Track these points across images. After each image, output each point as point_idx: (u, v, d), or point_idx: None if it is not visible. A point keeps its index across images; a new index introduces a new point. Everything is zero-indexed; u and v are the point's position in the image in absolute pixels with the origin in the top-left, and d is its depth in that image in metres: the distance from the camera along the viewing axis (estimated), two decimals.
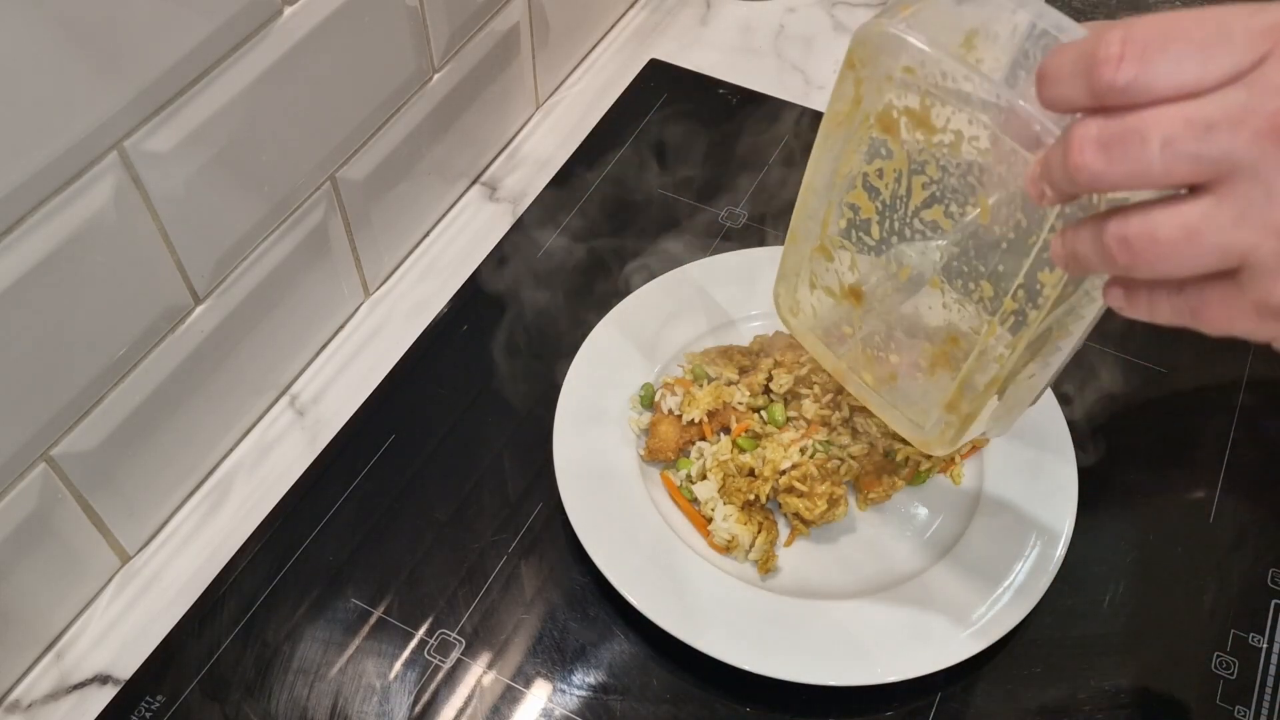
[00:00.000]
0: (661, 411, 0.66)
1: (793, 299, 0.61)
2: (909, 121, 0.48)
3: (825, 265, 0.57)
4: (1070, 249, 0.37)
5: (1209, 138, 0.32)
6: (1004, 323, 0.48)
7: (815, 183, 0.55)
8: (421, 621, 0.61)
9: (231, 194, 0.60)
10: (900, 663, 0.57)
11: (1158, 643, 0.60)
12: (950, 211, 0.49)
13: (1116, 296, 0.38)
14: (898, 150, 0.49)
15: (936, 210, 0.49)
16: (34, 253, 0.50)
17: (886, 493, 0.63)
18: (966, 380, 0.52)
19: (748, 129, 0.87)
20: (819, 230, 0.56)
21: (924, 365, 0.55)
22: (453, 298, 0.76)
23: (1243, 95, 0.32)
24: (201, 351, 0.63)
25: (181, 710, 0.58)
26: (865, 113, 0.50)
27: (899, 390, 0.57)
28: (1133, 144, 0.33)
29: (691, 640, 0.57)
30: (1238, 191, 0.32)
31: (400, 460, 0.67)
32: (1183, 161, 0.32)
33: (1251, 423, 0.69)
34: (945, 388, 0.53)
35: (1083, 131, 0.34)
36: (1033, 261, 0.45)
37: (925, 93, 0.46)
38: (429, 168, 0.77)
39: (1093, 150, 0.33)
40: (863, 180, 0.52)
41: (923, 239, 0.51)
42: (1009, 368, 0.49)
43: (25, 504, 0.55)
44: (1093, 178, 0.34)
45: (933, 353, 0.54)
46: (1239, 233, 0.33)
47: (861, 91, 0.49)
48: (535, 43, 0.85)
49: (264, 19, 0.57)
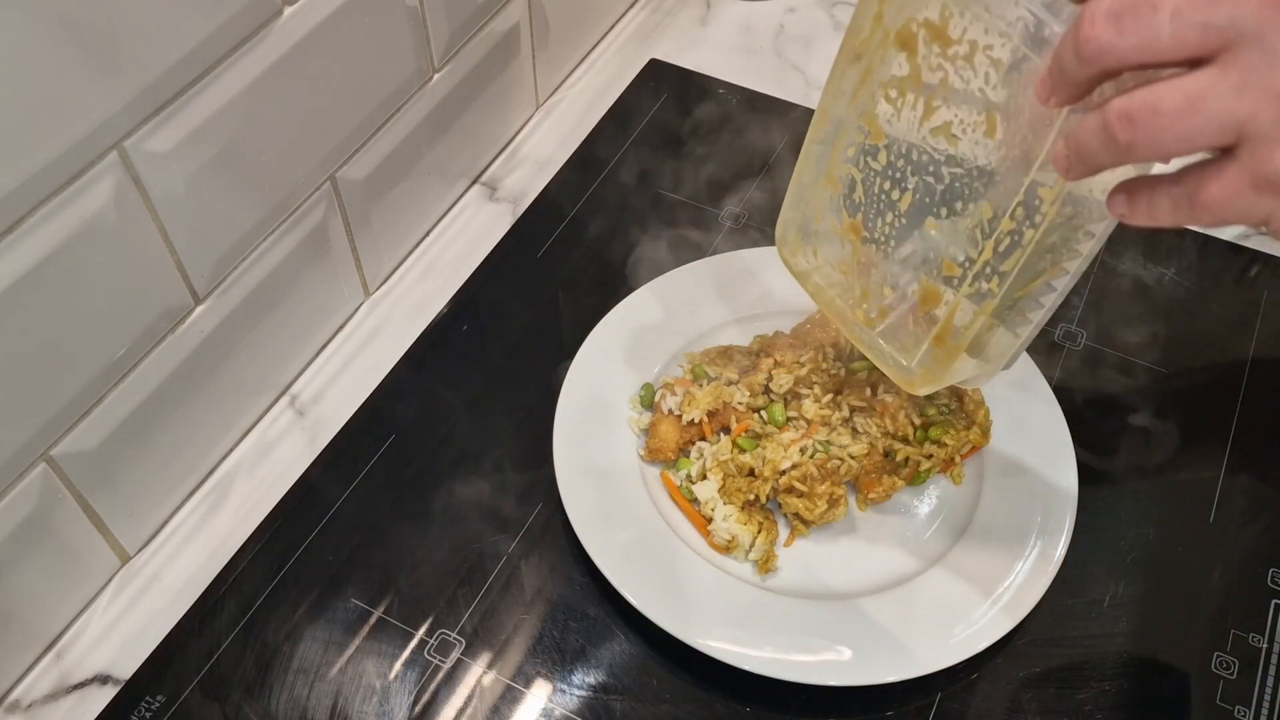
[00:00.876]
0: (661, 411, 0.66)
1: (795, 239, 0.62)
2: (927, 35, 0.49)
3: (829, 198, 0.58)
4: (1074, 144, 0.38)
5: (1217, 6, 0.33)
6: (1000, 245, 0.49)
7: (829, 106, 0.56)
8: (421, 621, 0.61)
9: (231, 194, 0.60)
10: (900, 663, 0.57)
11: (1158, 643, 0.60)
12: (959, 130, 0.50)
13: (1119, 203, 0.39)
14: (914, 65, 0.51)
15: (945, 129, 0.51)
16: (34, 253, 0.50)
17: (886, 493, 0.63)
18: (957, 308, 0.52)
19: (748, 129, 0.87)
20: (829, 157, 0.57)
21: (917, 299, 0.55)
22: (453, 298, 0.76)
23: None
24: (201, 351, 0.63)
25: (181, 710, 0.58)
26: (886, 29, 0.51)
27: (889, 328, 0.57)
28: (1143, 13, 0.34)
29: (691, 640, 0.57)
30: (1240, 60, 0.33)
31: (400, 460, 0.67)
32: (1191, 30, 0.33)
33: (1251, 423, 0.69)
34: (942, 311, 0.54)
35: (1094, 6, 0.35)
36: (1033, 177, 0.46)
37: (944, 4, 0.47)
38: (429, 168, 0.77)
39: (1104, 21, 0.35)
40: (875, 104, 0.54)
41: (929, 161, 0.52)
42: (1001, 294, 0.50)
43: (25, 504, 0.55)
44: (1102, 49, 0.35)
45: (926, 285, 0.55)
46: (1240, 101, 0.34)
47: (884, 7, 0.51)
48: (535, 43, 0.85)
49: (264, 19, 0.57)
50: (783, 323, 0.71)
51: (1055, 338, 0.73)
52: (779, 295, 0.73)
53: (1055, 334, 0.73)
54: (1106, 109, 0.36)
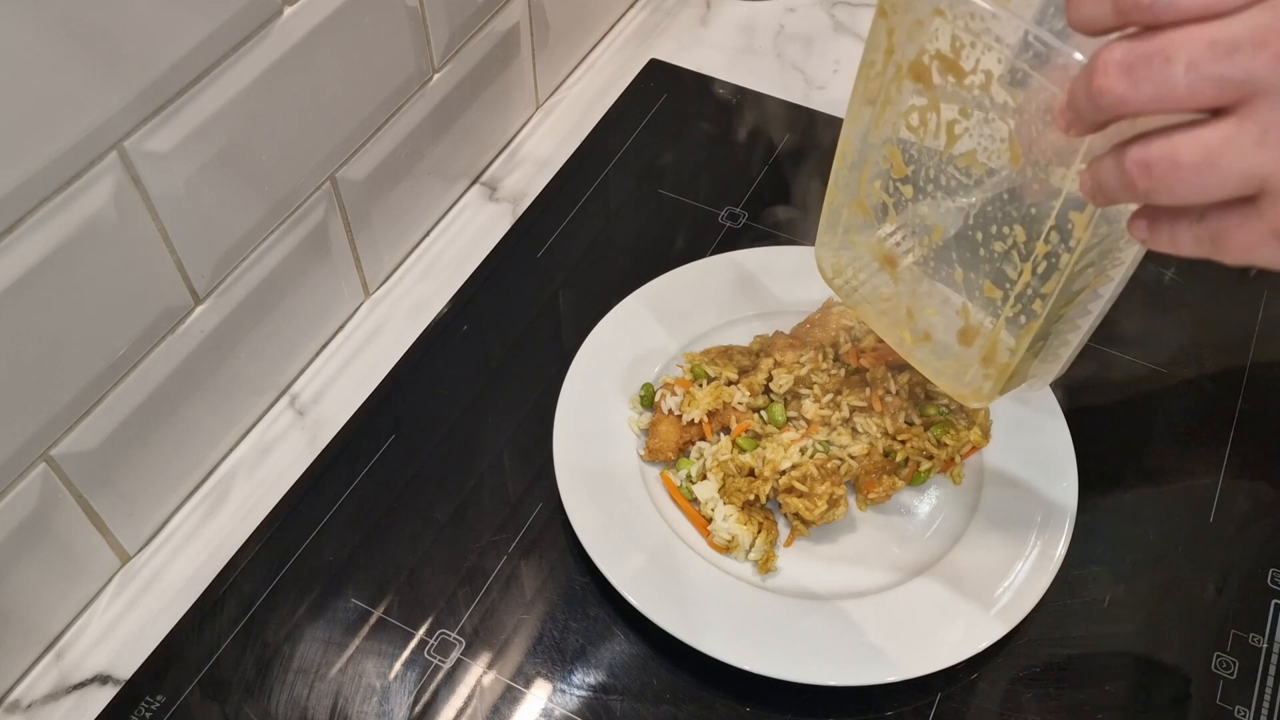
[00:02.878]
0: (661, 411, 0.66)
1: (834, 261, 0.61)
2: (940, 66, 0.48)
3: (862, 223, 0.58)
4: (1096, 180, 0.37)
5: (1233, 59, 0.32)
6: (1037, 269, 0.48)
7: (851, 134, 0.55)
8: (421, 621, 0.61)
9: (231, 194, 0.60)
10: (900, 663, 0.57)
11: (1158, 643, 0.60)
12: (983, 157, 0.50)
13: (1140, 228, 0.39)
14: (931, 96, 0.50)
15: (970, 156, 0.50)
16: (34, 253, 0.50)
17: (887, 493, 0.63)
18: (1001, 332, 0.52)
19: (748, 129, 0.87)
20: (857, 183, 0.57)
21: (959, 323, 0.55)
22: (453, 298, 0.76)
23: (1267, 16, 0.32)
24: (201, 351, 0.63)
25: (181, 710, 0.58)
26: (898, 63, 0.50)
27: (937, 345, 0.57)
28: (1157, 66, 0.33)
29: (691, 640, 0.57)
30: (1259, 114, 0.32)
31: (400, 460, 0.67)
32: (1207, 83, 0.32)
33: (1251, 422, 0.69)
34: (982, 342, 0.54)
35: (1107, 55, 0.34)
36: (1064, 201, 0.45)
37: (954, 36, 0.47)
38: (429, 168, 0.77)
39: (1117, 72, 0.34)
40: (897, 133, 0.53)
41: (958, 186, 0.52)
42: (1044, 315, 0.49)
43: (25, 504, 0.55)
44: (1117, 101, 0.34)
45: (967, 310, 0.54)
46: (1260, 156, 0.33)
47: (894, 41, 0.50)
48: (535, 43, 0.85)
49: (264, 19, 0.57)
50: (783, 323, 0.71)
51: None
52: (779, 295, 0.73)
53: None
54: (1125, 156, 0.35)
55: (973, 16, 0.45)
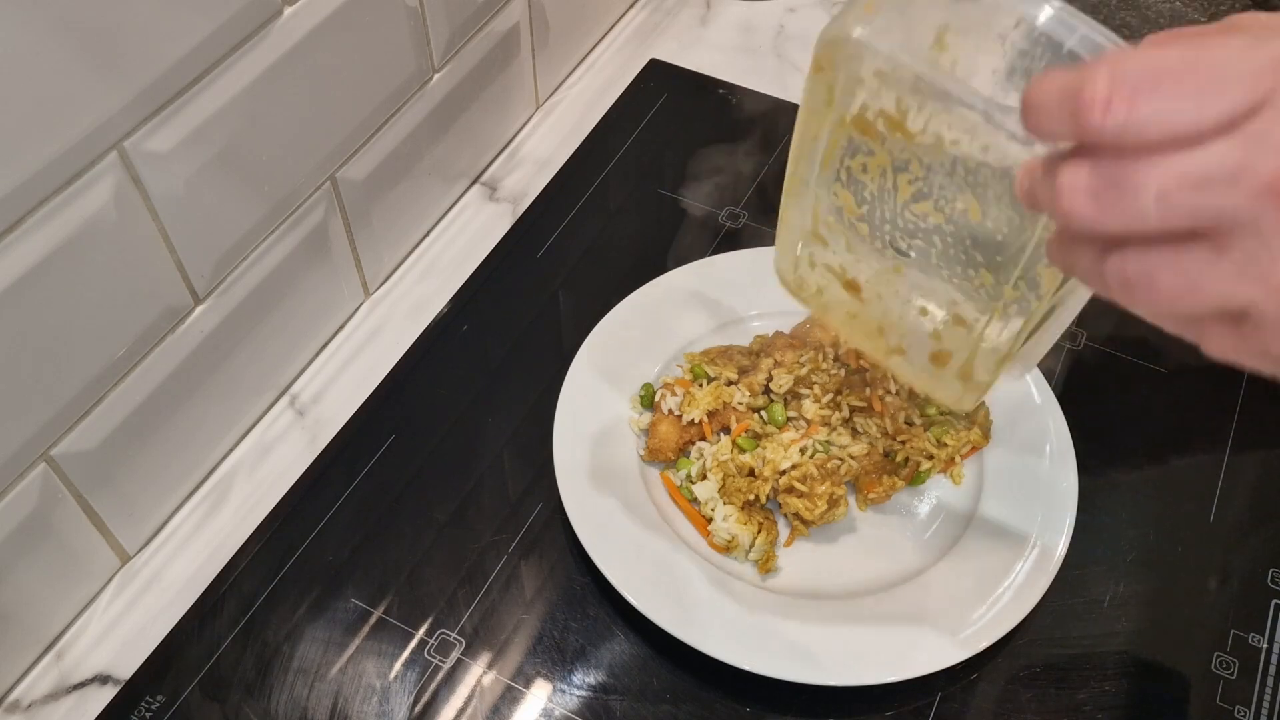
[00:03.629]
0: (661, 412, 0.66)
1: (795, 276, 0.59)
2: (885, 124, 0.45)
3: (822, 248, 0.55)
4: (1067, 262, 0.36)
5: (1204, 193, 0.31)
6: (1005, 312, 0.47)
7: (799, 174, 0.52)
8: (421, 621, 0.61)
9: (231, 194, 0.60)
10: (900, 663, 0.57)
11: (1158, 643, 0.60)
12: (940, 206, 0.47)
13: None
14: (879, 150, 0.47)
15: (926, 205, 0.48)
16: (34, 253, 0.50)
17: (887, 493, 0.63)
18: (974, 355, 0.51)
19: (748, 129, 0.87)
20: (810, 220, 0.54)
21: (932, 346, 0.54)
22: (453, 298, 0.76)
23: (1239, 151, 0.30)
24: (201, 351, 0.63)
25: (181, 710, 0.58)
26: (840, 115, 0.47)
27: (913, 361, 0.55)
28: (1125, 195, 0.31)
29: (691, 640, 0.57)
30: (1236, 245, 0.31)
31: (400, 460, 0.67)
32: (1178, 214, 0.31)
33: (1251, 423, 0.69)
34: (956, 366, 0.52)
35: (1072, 180, 0.32)
36: (1029, 256, 0.44)
37: (899, 97, 0.44)
38: (429, 168, 0.77)
39: (1084, 198, 0.32)
40: (847, 175, 0.50)
41: (917, 229, 0.49)
42: (1019, 345, 0.48)
43: (25, 504, 0.55)
44: (1086, 223, 0.32)
45: (938, 334, 0.53)
46: (1240, 285, 0.32)
47: (834, 95, 0.47)
48: (535, 43, 0.85)
49: (264, 19, 0.57)
50: (783, 323, 0.71)
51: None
52: (778, 295, 0.73)
53: None
54: (1103, 264, 0.33)
55: (917, 79, 0.42)
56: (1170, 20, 0.93)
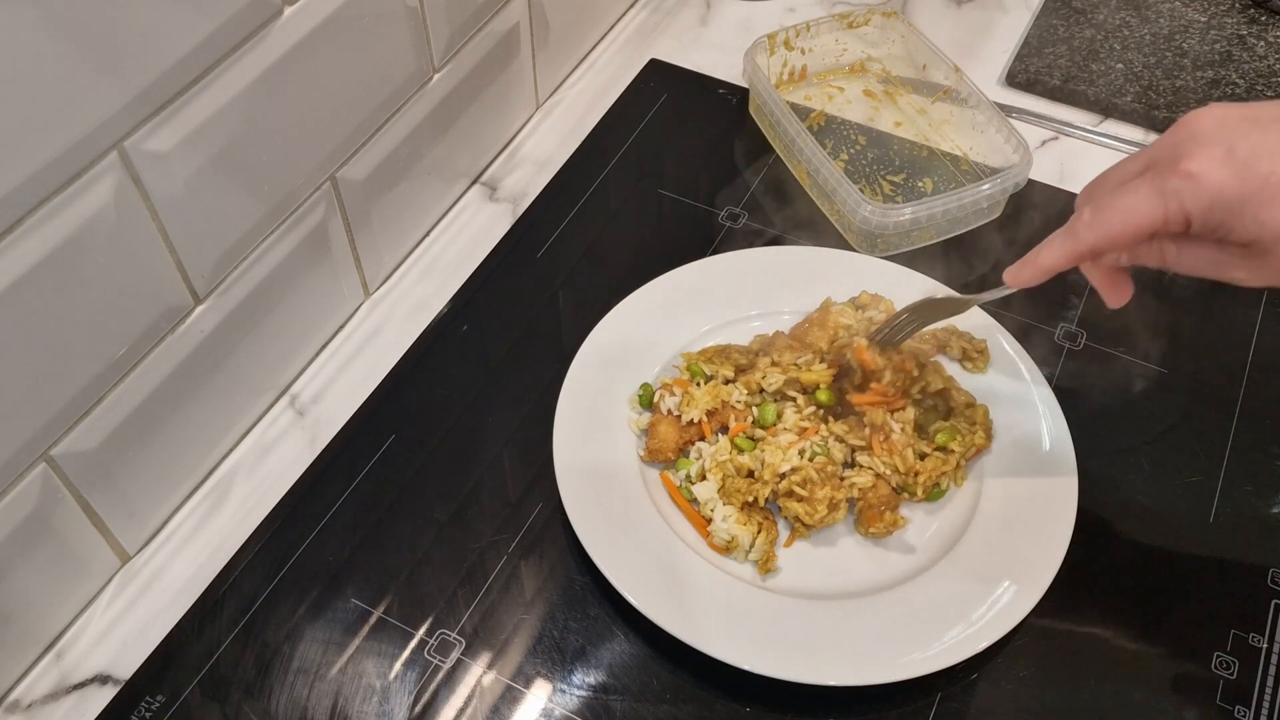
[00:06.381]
0: (661, 412, 0.66)
1: None
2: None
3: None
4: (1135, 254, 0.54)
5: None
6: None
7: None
8: (421, 621, 0.61)
9: (231, 194, 0.60)
10: (900, 663, 0.57)
11: (1158, 643, 0.60)
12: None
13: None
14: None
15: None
16: (34, 253, 0.50)
17: (888, 529, 0.62)
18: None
19: (748, 129, 0.87)
20: None
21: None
22: (453, 298, 0.76)
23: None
24: (201, 351, 0.63)
25: (181, 710, 0.58)
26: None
27: None
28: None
29: (691, 640, 0.57)
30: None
31: (400, 460, 0.67)
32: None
33: (1251, 422, 0.69)
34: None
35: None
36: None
37: None
38: (429, 168, 0.77)
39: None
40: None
41: None
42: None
43: (25, 504, 0.55)
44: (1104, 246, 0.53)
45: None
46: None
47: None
48: (535, 43, 0.85)
49: (264, 19, 0.57)
50: (782, 323, 0.71)
51: (1056, 338, 0.73)
52: (778, 295, 0.73)
53: (1056, 334, 0.73)
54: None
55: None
56: (1170, 20, 0.93)
